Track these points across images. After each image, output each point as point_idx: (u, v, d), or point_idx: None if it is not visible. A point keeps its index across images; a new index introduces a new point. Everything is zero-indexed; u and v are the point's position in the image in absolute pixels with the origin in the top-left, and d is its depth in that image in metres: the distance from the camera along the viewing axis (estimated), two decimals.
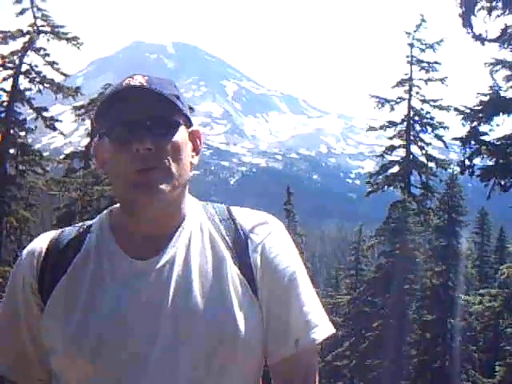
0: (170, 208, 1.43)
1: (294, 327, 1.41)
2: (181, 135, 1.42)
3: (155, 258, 1.39)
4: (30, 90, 17.10)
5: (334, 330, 1.46)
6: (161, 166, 1.37)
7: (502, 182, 12.87)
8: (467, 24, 11.36)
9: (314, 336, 1.42)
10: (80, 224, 1.54)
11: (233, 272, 1.40)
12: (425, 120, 21.65)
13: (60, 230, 1.53)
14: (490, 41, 11.66)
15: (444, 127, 21.41)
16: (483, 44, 11.51)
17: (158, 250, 1.41)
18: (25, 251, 1.50)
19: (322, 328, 1.44)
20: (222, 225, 1.47)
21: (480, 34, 11.52)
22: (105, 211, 1.54)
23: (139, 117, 1.37)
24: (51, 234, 1.52)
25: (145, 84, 1.38)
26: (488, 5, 11.26)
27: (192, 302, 1.35)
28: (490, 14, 11.35)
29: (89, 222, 1.53)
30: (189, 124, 1.47)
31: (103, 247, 1.44)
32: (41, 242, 1.49)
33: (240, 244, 1.44)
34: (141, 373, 1.33)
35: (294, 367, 1.43)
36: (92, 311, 1.37)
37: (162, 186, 1.36)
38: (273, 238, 1.46)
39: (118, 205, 1.50)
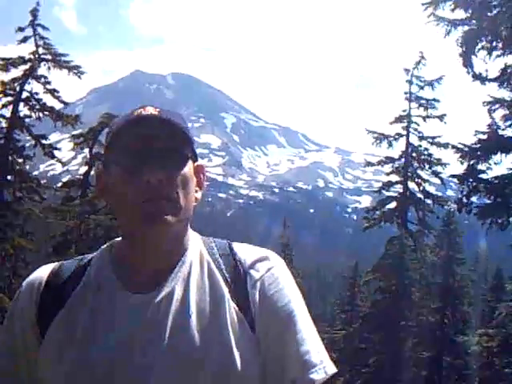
0: (173, 242, 1.40)
1: (291, 367, 1.36)
2: (189, 168, 1.41)
3: (154, 293, 1.36)
4: (29, 117, 17.17)
5: (335, 370, 1.40)
6: (170, 197, 1.35)
7: (500, 221, 12.89)
8: (467, 63, 11.52)
9: (312, 376, 1.35)
10: (80, 257, 1.51)
11: (230, 308, 1.37)
12: (422, 157, 21.79)
13: (60, 263, 1.50)
14: (490, 80, 11.80)
15: (442, 164, 21.52)
16: (483, 83, 11.65)
17: (157, 284, 1.38)
18: (24, 283, 1.47)
19: (321, 368, 1.38)
20: (221, 260, 1.44)
21: (480, 74, 11.67)
22: (106, 244, 1.51)
23: (151, 147, 1.36)
24: (51, 266, 1.49)
25: (158, 114, 1.38)
26: (488, 45, 11.41)
27: (188, 338, 1.32)
28: (490, 53, 11.52)
29: (89, 255, 1.50)
30: (194, 158, 1.46)
31: (102, 281, 1.41)
32: (40, 274, 1.47)
33: (239, 280, 1.41)
34: None
35: None
36: (86, 349, 1.32)
37: (169, 218, 1.34)
38: (272, 275, 1.43)
39: (119, 238, 1.48)
